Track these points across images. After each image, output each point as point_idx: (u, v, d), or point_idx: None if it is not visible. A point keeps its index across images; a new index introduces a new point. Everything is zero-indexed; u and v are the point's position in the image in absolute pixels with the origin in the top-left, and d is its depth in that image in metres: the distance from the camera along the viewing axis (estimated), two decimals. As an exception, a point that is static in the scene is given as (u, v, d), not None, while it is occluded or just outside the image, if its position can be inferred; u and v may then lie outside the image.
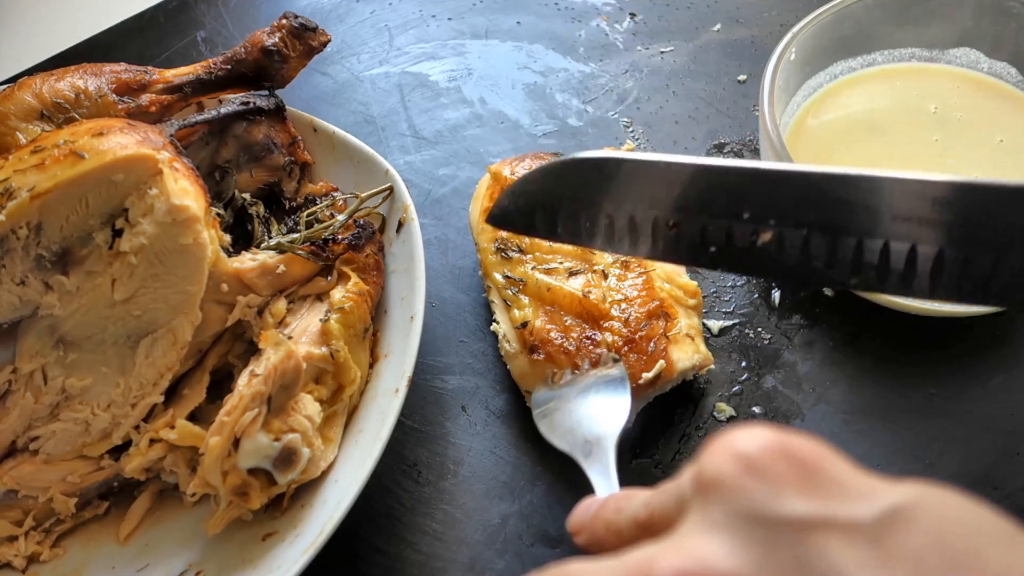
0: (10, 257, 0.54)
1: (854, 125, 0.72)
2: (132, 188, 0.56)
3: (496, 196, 0.66)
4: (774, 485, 0.24)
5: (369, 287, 0.62)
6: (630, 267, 0.63)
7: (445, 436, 0.64)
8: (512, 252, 0.64)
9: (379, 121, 0.84)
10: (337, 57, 0.90)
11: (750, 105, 0.82)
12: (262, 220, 0.66)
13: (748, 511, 0.24)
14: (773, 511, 0.24)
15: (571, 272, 0.63)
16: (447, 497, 0.61)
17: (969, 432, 0.61)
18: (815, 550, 0.23)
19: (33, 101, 0.62)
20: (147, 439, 0.58)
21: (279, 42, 0.67)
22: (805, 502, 0.24)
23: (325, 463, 0.57)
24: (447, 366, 0.67)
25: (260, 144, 0.67)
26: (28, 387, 0.57)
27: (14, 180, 0.54)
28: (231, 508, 0.56)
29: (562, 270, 0.63)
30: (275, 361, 0.55)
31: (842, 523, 0.23)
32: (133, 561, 0.59)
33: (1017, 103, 0.72)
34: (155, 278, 0.57)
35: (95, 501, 0.61)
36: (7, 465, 0.58)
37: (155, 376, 0.59)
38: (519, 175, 0.66)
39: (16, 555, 0.58)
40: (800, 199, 0.46)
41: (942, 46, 0.74)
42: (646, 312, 0.60)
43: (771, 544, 0.23)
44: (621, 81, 0.85)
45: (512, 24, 0.91)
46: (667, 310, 0.61)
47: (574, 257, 0.63)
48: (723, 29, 0.89)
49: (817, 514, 0.24)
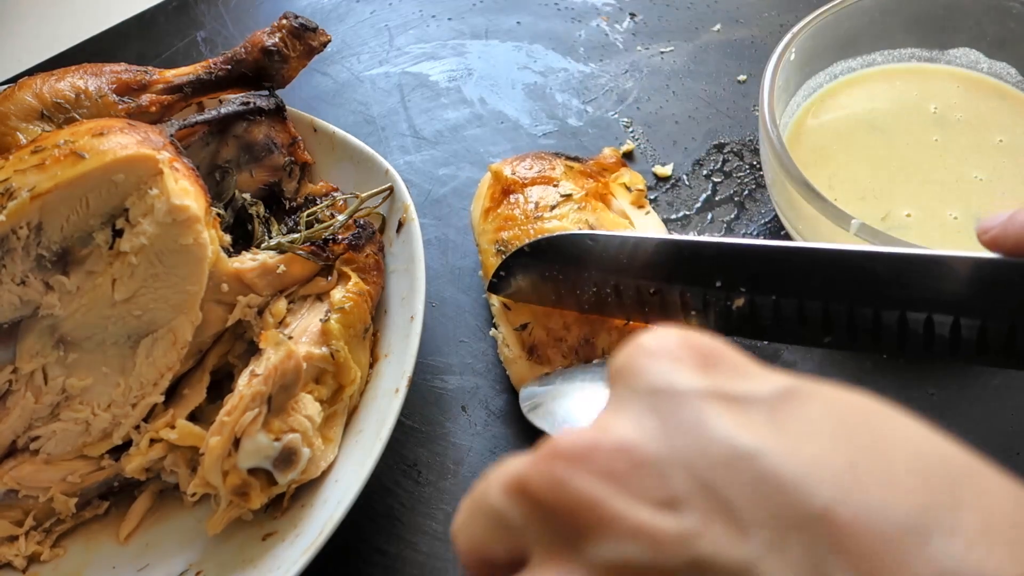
0: (10, 257, 0.54)
1: (854, 125, 0.72)
2: (132, 188, 0.56)
3: (496, 196, 0.66)
4: (674, 364, 0.26)
5: (369, 287, 0.63)
6: None
7: (445, 436, 0.64)
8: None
9: (379, 121, 0.84)
10: (337, 57, 0.90)
11: (750, 105, 0.82)
12: (262, 220, 0.66)
13: (648, 387, 0.26)
14: (671, 384, 0.25)
15: None
16: (447, 497, 0.61)
17: (969, 432, 0.61)
18: (710, 417, 0.24)
19: (33, 101, 0.62)
20: (147, 439, 0.58)
21: (279, 42, 0.67)
22: (702, 378, 0.25)
23: (325, 463, 0.57)
24: (447, 366, 0.67)
25: (260, 144, 0.67)
26: (28, 387, 0.57)
27: (14, 180, 0.54)
28: (231, 508, 0.56)
29: None
30: (275, 361, 0.55)
31: (737, 395, 0.25)
32: (133, 561, 0.59)
33: (1017, 103, 0.72)
34: (155, 278, 0.57)
35: (95, 501, 0.61)
36: (7, 465, 0.58)
37: (155, 376, 0.59)
38: (520, 174, 0.66)
39: (16, 555, 0.58)
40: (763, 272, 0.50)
41: (942, 46, 0.74)
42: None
43: (668, 413, 0.25)
44: (621, 81, 0.85)
45: (512, 24, 0.91)
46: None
47: None
48: (723, 29, 0.89)
49: (713, 387, 0.25)
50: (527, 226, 0.63)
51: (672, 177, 0.77)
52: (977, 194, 0.67)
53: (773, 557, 0.21)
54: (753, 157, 0.78)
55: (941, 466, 0.23)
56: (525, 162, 0.67)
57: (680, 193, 0.76)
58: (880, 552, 0.21)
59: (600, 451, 0.25)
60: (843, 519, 0.21)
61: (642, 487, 0.24)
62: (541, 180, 0.65)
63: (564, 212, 0.63)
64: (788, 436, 0.24)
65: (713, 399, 0.25)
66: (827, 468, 0.22)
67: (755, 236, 0.73)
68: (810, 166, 0.67)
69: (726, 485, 0.23)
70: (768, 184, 0.69)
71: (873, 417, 0.24)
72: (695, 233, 0.73)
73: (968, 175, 0.68)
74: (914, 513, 0.22)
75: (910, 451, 0.23)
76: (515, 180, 0.65)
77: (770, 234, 0.73)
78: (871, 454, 0.23)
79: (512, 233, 0.63)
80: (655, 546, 0.23)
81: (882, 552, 0.21)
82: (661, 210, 0.75)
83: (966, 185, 0.67)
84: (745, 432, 0.24)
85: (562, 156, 0.69)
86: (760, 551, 0.22)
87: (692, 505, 0.23)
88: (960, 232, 0.65)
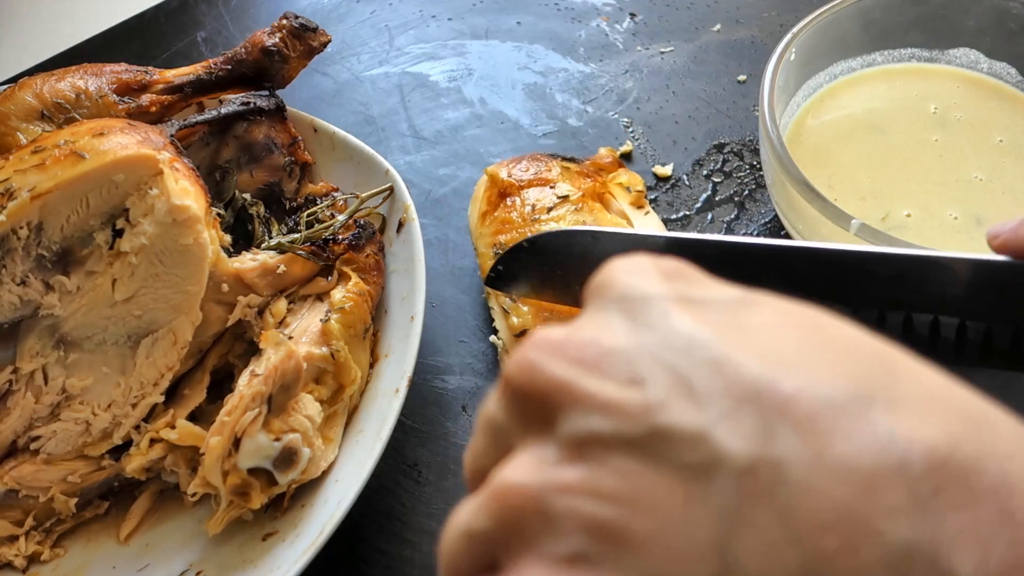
0: (11, 257, 0.54)
1: (854, 125, 0.72)
2: (133, 188, 0.56)
3: (492, 198, 0.66)
4: (641, 277, 0.28)
5: (369, 287, 0.63)
6: None
7: (445, 436, 0.64)
8: None
9: (379, 121, 0.84)
10: (337, 57, 0.90)
11: (750, 105, 0.82)
12: (262, 220, 0.66)
13: (617, 295, 0.28)
14: (638, 291, 0.28)
15: None
16: (448, 497, 0.61)
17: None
18: (673, 315, 0.26)
19: (33, 101, 0.62)
20: (148, 439, 0.58)
21: (279, 42, 0.67)
22: (667, 286, 0.28)
23: (325, 463, 0.57)
24: (447, 366, 0.67)
25: (260, 144, 0.67)
26: (29, 387, 0.57)
27: (14, 180, 0.54)
28: (231, 508, 0.56)
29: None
30: (275, 361, 0.56)
31: (699, 299, 0.27)
32: (134, 561, 0.59)
33: (1017, 103, 0.72)
34: (156, 278, 0.57)
35: (95, 501, 0.61)
36: (7, 465, 0.58)
37: (155, 376, 0.59)
38: (516, 177, 0.66)
39: (17, 555, 0.58)
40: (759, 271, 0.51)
41: (942, 46, 0.74)
42: None
43: (635, 313, 0.27)
44: (621, 81, 0.85)
45: (512, 24, 0.91)
46: None
47: None
48: (723, 29, 0.89)
49: (677, 293, 0.27)
50: (524, 229, 0.63)
51: (672, 177, 0.77)
52: (977, 194, 0.67)
53: (726, 424, 0.23)
54: (753, 157, 0.78)
55: (880, 352, 0.26)
56: (521, 164, 0.67)
57: (680, 193, 0.76)
58: (823, 417, 0.23)
59: (571, 342, 0.27)
60: (789, 389, 0.24)
61: (610, 370, 0.26)
62: (537, 182, 0.65)
63: (561, 214, 0.63)
64: (743, 330, 0.26)
65: (676, 302, 0.27)
66: (776, 353, 0.25)
67: (755, 236, 0.73)
68: (810, 166, 0.67)
69: (686, 367, 0.25)
70: (768, 184, 0.69)
71: (820, 318, 0.27)
72: (696, 233, 0.73)
73: (968, 175, 0.68)
74: (855, 384, 0.24)
75: (852, 341, 0.26)
76: (511, 183, 0.65)
77: (770, 234, 0.73)
78: (815, 341, 0.26)
79: (509, 236, 0.63)
80: (621, 417, 0.25)
81: (825, 417, 0.23)
82: (661, 210, 0.75)
83: (966, 185, 0.67)
84: (705, 326, 0.26)
85: (558, 157, 0.69)
86: (714, 418, 0.24)
87: (655, 382, 0.25)
88: (960, 232, 0.65)
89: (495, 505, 0.26)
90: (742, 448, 0.23)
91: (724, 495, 0.23)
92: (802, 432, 0.23)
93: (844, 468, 0.22)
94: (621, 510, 0.24)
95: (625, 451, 0.24)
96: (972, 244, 0.64)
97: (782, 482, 0.23)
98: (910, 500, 0.22)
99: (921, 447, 0.23)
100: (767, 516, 0.22)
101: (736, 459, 0.23)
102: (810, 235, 0.65)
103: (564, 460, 0.25)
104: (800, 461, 0.23)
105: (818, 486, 0.22)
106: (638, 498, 0.24)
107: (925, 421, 0.23)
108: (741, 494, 0.23)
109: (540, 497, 0.25)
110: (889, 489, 0.22)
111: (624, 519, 0.24)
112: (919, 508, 0.22)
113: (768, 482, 0.23)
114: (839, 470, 0.22)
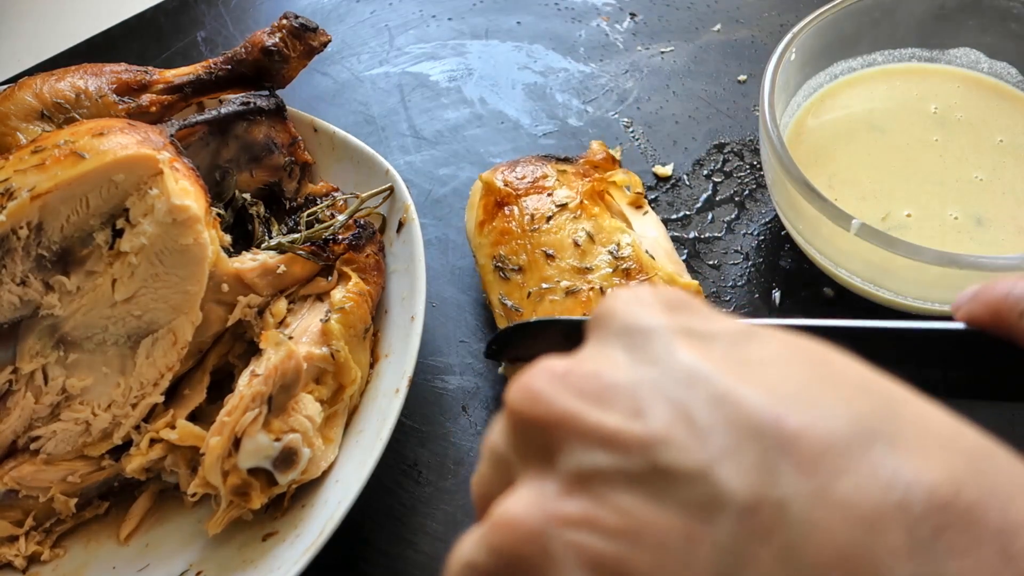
0: (11, 257, 0.54)
1: (854, 125, 0.72)
2: (132, 188, 0.56)
3: (489, 207, 0.65)
4: (643, 308, 0.28)
5: (369, 287, 0.62)
6: (632, 275, 0.61)
7: (446, 436, 0.64)
8: (510, 272, 0.63)
9: (379, 121, 0.84)
10: (337, 57, 0.90)
11: (750, 105, 0.82)
12: (262, 220, 0.66)
13: (620, 327, 0.28)
14: (641, 323, 0.28)
15: (568, 291, 0.61)
16: (448, 497, 0.61)
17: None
18: (675, 348, 0.26)
19: (33, 101, 0.62)
20: (148, 439, 0.58)
21: (279, 42, 0.67)
22: (670, 318, 0.28)
23: (326, 463, 0.57)
24: (447, 366, 0.67)
25: (260, 144, 0.67)
26: (29, 387, 0.57)
27: (14, 180, 0.54)
28: (231, 508, 0.56)
29: (559, 289, 0.61)
30: (276, 361, 0.55)
31: (701, 332, 0.27)
32: (133, 561, 0.59)
33: (1017, 103, 0.72)
34: (156, 278, 0.57)
35: (95, 501, 0.61)
36: (7, 465, 0.58)
37: (155, 376, 0.59)
38: (512, 184, 0.65)
39: (16, 555, 0.58)
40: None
41: (942, 46, 0.74)
42: None
43: (637, 346, 0.27)
44: (621, 81, 0.85)
45: (512, 24, 0.91)
46: None
47: (570, 276, 0.61)
48: (723, 29, 0.89)
49: (680, 325, 0.27)
50: (524, 240, 0.63)
51: (672, 177, 0.77)
52: (977, 194, 0.67)
53: (728, 461, 0.23)
54: (753, 157, 0.78)
55: (885, 389, 0.26)
56: (516, 170, 0.67)
57: (680, 193, 0.76)
58: (826, 456, 0.23)
59: (574, 374, 0.27)
60: (792, 426, 0.24)
61: (612, 403, 0.26)
62: (535, 190, 0.65)
63: (561, 223, 0.63)
64: (746, 365, 0.26)
65: (679, 334, 0.27)
66: (780, 388, 0.25)
67: (755, 236, 0.73)
68: (810, 166, 0.68)
69: (688, 401, 0.25)
70: (768, 184, 0.69)
71: (825, 353, 0.27)
72: (695, 233, 0.73)
73: (968, 175, 0.68)
74: (859, 422, 0.24)
75: (858, 377, 0.26)
76: (508, 192, 0.65)
77: (770, 234, 0.73)
78: (819, 378, 0.25)
79: (509, 247, 0.63)
80: (622, 452, 0.25)
81: (828, 456, 0.23)
82: (661, 210, 0.75)
83: (966, 185, 0.67)
84: (707, 360, 0.26)
85: (552, 159, 0.68)
86: (716, 456, 0.24)
87: (656, 416, 0.25)
88: (960, 232, 0.65)
89: (496, 539, 0.26)
90: (744, 486, 0.23)
91: (725, 533, 0.23)
92: (804, 471, 0.23)
93: (846, 508, 0.22)
94: (622, 546, 0.24)
95: (626, 486, 0.24)
96: (972, 244, 0.64)
97: (783, 521, 0.22)
98: (912, 542, 0.22)
99: (924, 488, 0.22)
100: (768, 555, 0.22)
101: (737, 497, 0.23)
102: (810, 235, 0.65)
103: (565, 494, 0.25)
104: (802, 500, 0.23)
105: (820, 526, 0.22)
106: (639, 534, 0.24)
107: (929, 462, 0.23)
108: (742, 532, 0.23)
109: (541, 531, 0.25)
110: (891, 530, 0.22)
111: (625, 555, 0.24)
112: (921, 550, 0.22)
113: (769, 521, 0.23)
114: (841, 510, 0.22)
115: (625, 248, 0.61)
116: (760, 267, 0.71)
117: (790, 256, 0.71)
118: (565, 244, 0.62)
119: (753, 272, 0.71)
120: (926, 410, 0.25)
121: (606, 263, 0.61)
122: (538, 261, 0.62)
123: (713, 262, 0.71)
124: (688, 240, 0.73)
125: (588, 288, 0.60)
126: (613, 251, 0.61)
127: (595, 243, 0.62)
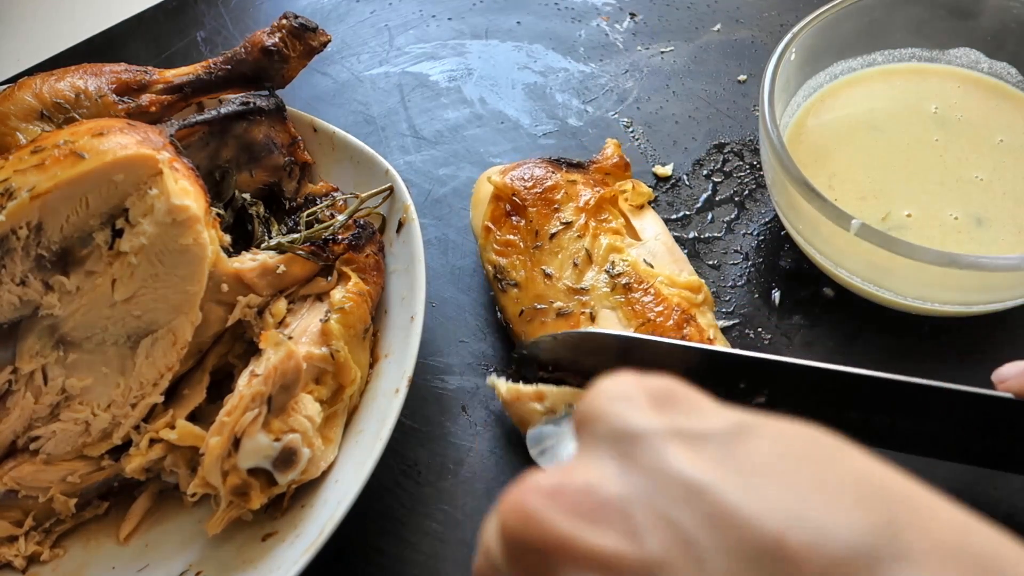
0: (10, 257, 0.54)
1: (854, 125, 0.72)
2: (132, 188, 0.56)
3: (498, 213, 0.65)
4: (632, 407, 0.27)
5: (369, 287, 0.62)
6: (633, 289, 0.61)
7: (445, 436, 0.64)
8: (507, 286, 0.63)
9: (379, 121, 0.84)
10: (337, 57, 0.90)
11: (750, 105, 0.82)
12: (262, 220, 0.66)
13: (608, 431, 0.27)
14: (629, 426, 0.27)
15: (559, 313, 0.61)
16: (447, 497, 0.61)
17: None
18: (667, 455, 0.26)
19: (33, 101, 0.62)
20: (147, 439, 0.58)
21: (279, 42, 0.67)
22: (659, 418, 0.27)
23: (325, 463, 0.57)
24: (447, 366, 0.67)
25: (260, 144, 0.67)
26: (28, 387, 0.57)
27: (14, 180, 0.54)
28: (231, 508, 0.56)
29: (552, 310, 0.61)
30: (275, 361, 0.55)
31: (692, 433, 0.26)
32: (133, 561, 0.59)
33: (1017, 103, 0.72)
34: (155, 278, 0.57)
35: (95, 501, 0.61)
36: (7, 465, 0.58)
37: (155, 376, 0.59)
38: (522, 193, 0.65)
39: (16, 555, 0.58)
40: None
41: (942, 46, 0.74)
42: (674, 325, 0.59)
43: (628, 455, 0.26)
44: (621, 81, 0.85)
45: (512, 24, 0.91)
46: (687, 313, 0.60)
47: (565, 296, 0.61)
48: (723, 29, 0.89)
49: (669, 426, 0.26)
50: (525, 257, 0.63)
51: (672, 177, 0.77)
52: (977, 194, 0.67)
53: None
54: (753, 157, 0.78)
55: (886, 491, 0.24)
56: (526, 175, 0.66)
57: (680, 193, 0.76)
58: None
59: (566, 491, 0.26)
60: (794, 547, 0.23)
61: (606, 522, 0.25)
62: (543, 202, 0.65)
63: (563, 243, 0.63)
64: (741, 471, 0.25)
65: (669, 438, 0.26)
66: (778, 500, 0.24)
67: (755, 236, 0.73)
68: (810, 166, 0.68)
69: (685, 519, 0.24)
70: (768, 184, 0.69)
71: (818, 449, 0.26)
72: (695, 233, 0.73)
73: (968, 175, 0.68)
74: (860, 538, 0.23)
75: (853, 479, 0.25)
76: (517, 202, 0.65)
77: (770, 234, 0.73)
78: (819, 484, 0.24)
79: (510, 261, 0.63)
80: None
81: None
82: (661, 210, 0.75)
83: (966, 185, 0.67)
84: (700, 468, 0.25)
85: (563, 165, 0.67)
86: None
87: (653, 537, 0.24)
88: (960, 232, 0.65)
89: None
90: None
91: None
92: None
93: None
94: None
95: None
96: (972, 244, 0.64)
97: None
98: None
99: None
100: None
101: None
102: (810, 235, 0.65)
103: None
104: None
105: None
106: None
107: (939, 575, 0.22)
108: None
109: None
110: None
111: None
112: None
113: None
114: None
115: (620, 264, 0.62)
116: (760, 267, 0.71)
117: (790, 256, 0.71)
118: (564, 264, 0.62)
119: (753, 272, 0.71)
120: (933, 511, 0.24)
121: (604, 283, 0.61)
122: (535, 279, 0.62)
123: (713, 262, 0.71)
124: (688, 240, 0.73)
125: (581, 312, 0.60)
126: (609, 270, 0.62)
127: (592, 262, 0.62)
